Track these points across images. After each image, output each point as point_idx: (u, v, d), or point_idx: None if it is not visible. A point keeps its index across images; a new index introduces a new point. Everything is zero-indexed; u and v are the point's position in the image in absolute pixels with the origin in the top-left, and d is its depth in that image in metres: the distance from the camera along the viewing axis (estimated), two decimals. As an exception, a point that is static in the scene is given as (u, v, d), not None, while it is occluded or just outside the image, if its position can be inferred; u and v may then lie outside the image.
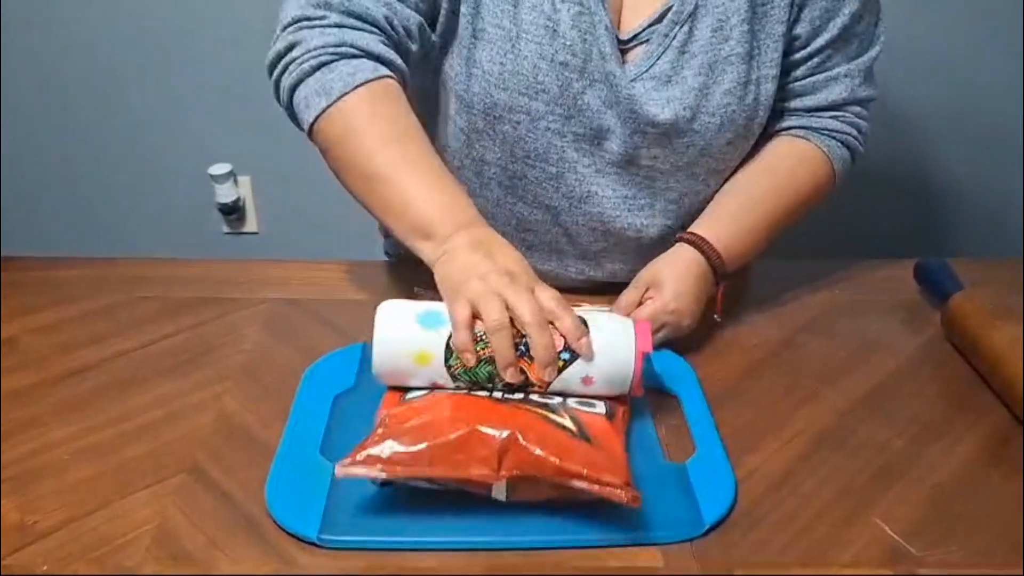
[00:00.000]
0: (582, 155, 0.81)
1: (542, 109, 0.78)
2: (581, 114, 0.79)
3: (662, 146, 0.80)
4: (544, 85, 0.77)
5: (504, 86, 0.77)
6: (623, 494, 0.53)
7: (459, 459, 0.55)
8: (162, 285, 0.90)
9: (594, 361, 0.62)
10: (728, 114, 0.79)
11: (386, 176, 0.71)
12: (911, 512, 0.60)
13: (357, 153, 0.73)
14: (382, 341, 0.63)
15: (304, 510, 0.58)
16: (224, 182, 1.78)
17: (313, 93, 0.73)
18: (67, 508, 0.60)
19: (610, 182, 0.83)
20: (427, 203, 0.70)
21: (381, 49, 0.75)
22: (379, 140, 0.72)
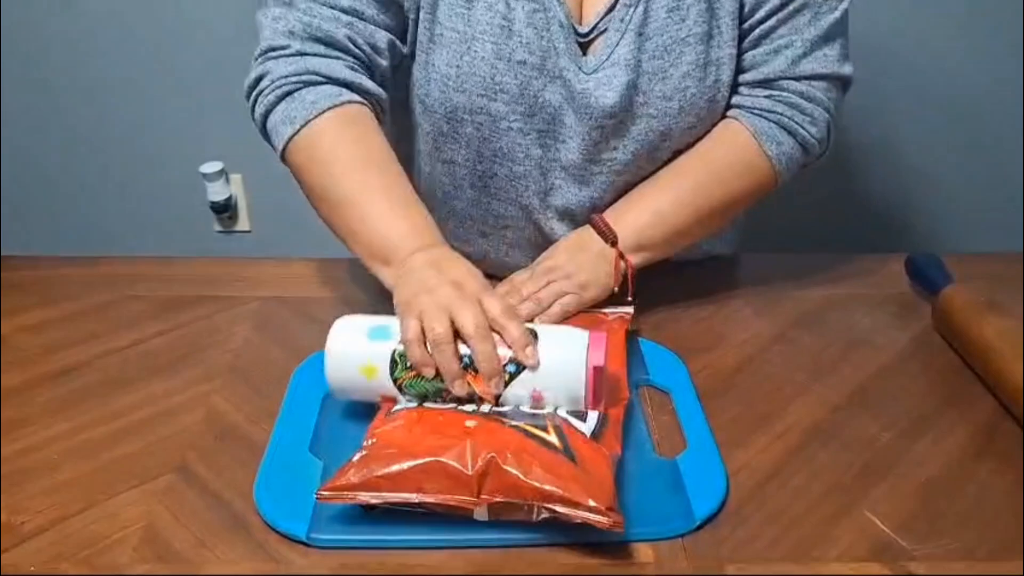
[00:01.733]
0: (546, 151, 0.81)
1: (503, 109, 0.78)
2: (543, 111, 0.78)
3: (620, 136, 0.79)
4: (503, 85, 0.77)
5: (462, 88, 0.77)
6: (606, 520, 0.53)
7: (440, 485, 0.55)
8: (152, 284, 0.89)
9: (543, 374, 0.61)
10: (688, 97, 0.77)
11: (347, 203, 0.73)
12: (901, 506, 0.60)
13: (321, 180, 0.74)
14: (332, 354, 0.64)
15: (293, 509, 0.58)
16: (215, 180, 1.77)
17: (279, 122, 0.75)
18: (55, 508, 0.60)
19: (574, 178, 0.82)
20: (387, 230, 0.71)
21: (346, 74, 0.75)
22: (340, 167, 0.73)
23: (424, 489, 0.55)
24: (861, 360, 0.77)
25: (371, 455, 0.57)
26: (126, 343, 0.79)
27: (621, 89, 0.76)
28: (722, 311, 0.85)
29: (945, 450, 0.66)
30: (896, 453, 0.66)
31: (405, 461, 0.55)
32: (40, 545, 0.57)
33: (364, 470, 0.55)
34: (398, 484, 0.55)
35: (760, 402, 0.71)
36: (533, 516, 0.55)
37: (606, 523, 0.53)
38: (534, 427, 0.59)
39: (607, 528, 0.53)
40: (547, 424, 0.60)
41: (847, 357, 0.78)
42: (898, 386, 0.74)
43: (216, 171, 1.76)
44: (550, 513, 0.54)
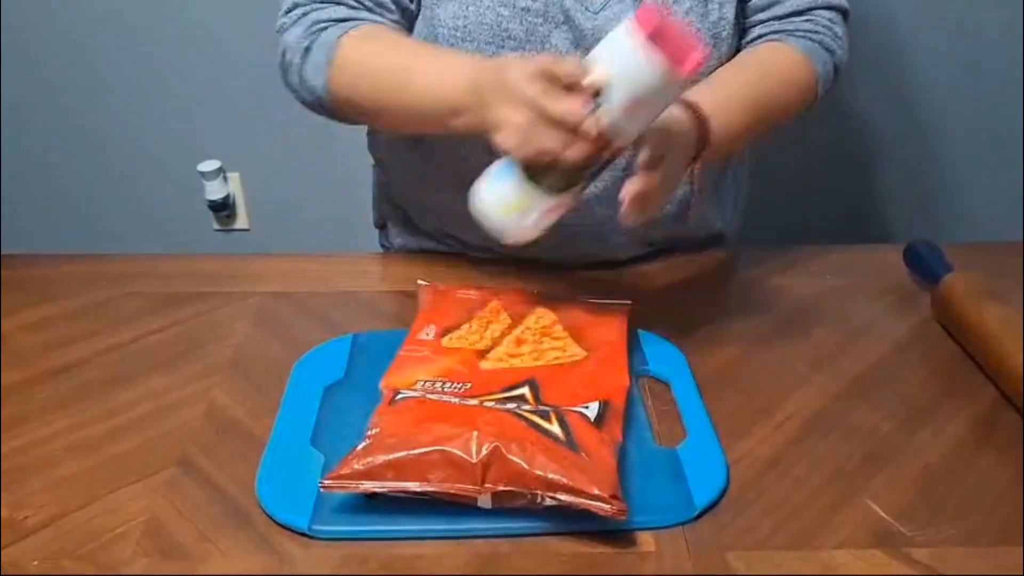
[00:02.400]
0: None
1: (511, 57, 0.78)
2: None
3: None
4: (510, 32, 0.78)
5: (470, 38, 0.79)
6: (609, 508, 0.53)
7: (444, 474, 0.55)
8: (151, 281, 0.89)
9: (613, 77, 0.61)
10: (691, 33, 0.79)
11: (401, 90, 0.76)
12: (901, 494, 0.60)
13: (370, 94, 0.78)
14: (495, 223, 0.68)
15: (295, 501, 0.58)
16: (213, 179, 1.77)
17: (310, 77, 0.80)
18: (57, 503, 0.60)
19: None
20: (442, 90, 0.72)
21: (348, 13, 0.80)
22: (374, 67, 0.78)
23: (428, 478, 0.55)
24: (861, 350, 0.77)
25: (374, 444, 0.57)
26: (126, 339, 0.79)
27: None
28: (721, 302, 0.85)
29: (945, 439, 0.66)
30: (896, 442, 0.66)
31: (409, 450, 0.56)
32: (42, 540, 0.57)
33: (367, 459, 0.56)
34: (402, 473, 0.55)
35: (760, 392, 0.72)
36: (537, 503, 0.55)
37: (610, 511, 0.53)
38: (537, 416, 0.60)
39: (610, 516, 0.53)
40: (550, 414, 0.60)
41: (847, 347, 0.78)
42: (898, 375, 0.74)
43: (214, 169, 1.76)
44: (554, 501, 0.54)
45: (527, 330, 0.73)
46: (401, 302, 0.84)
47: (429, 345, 0.71)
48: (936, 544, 0.56)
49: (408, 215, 0.99)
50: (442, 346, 0.71)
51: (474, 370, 0.68)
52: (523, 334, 0.73)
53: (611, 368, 0.69)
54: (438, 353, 0.70)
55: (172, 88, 1.72)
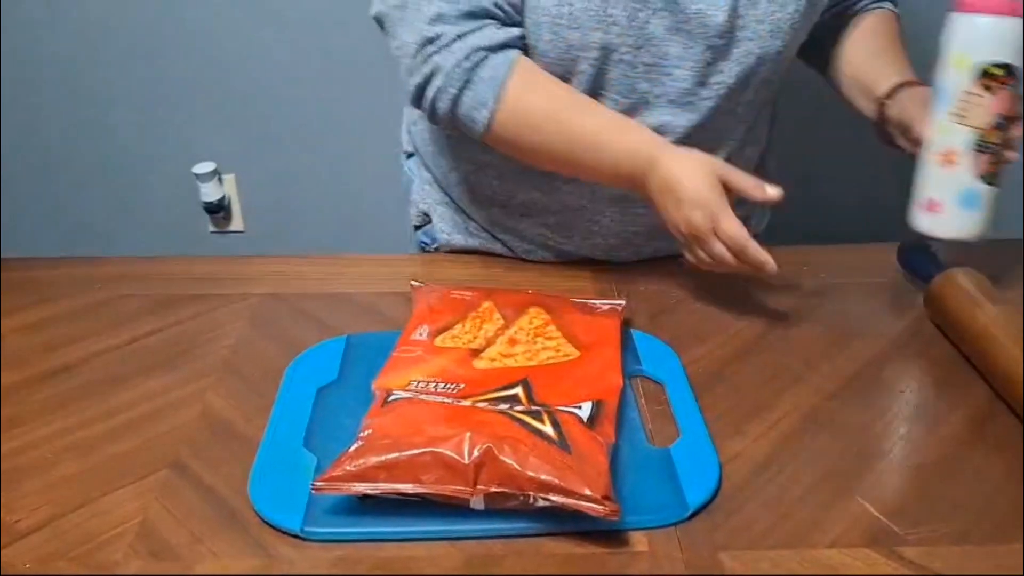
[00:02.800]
0: (653, 85, 0.83)
1: (615, 41, 0.80)
2: (648, 43, 0.81)
3: (727, 58, 0.83)
4: (614, 17, 0.79)
5: (575, 25, 0.79)
6: (602, 509, 0.53)
7: (436, 475, 0.55)
8: (145, 283, 0.89)
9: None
10: (775, 21, 0.82)
11: (574, 148, 0.80)
12: (894, 493, 0.61)
13: (539, 139, 0.81)
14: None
15: (287, 503, 0.58)
16: (208, 181, 1.77)
17: (471, 109, 0.79)
18: (50, 506, 0.60)
19: (683, 110, 0.84)
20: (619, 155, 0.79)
21: (501, 35, 0.80)
22: (551, 120, 0.80)
23: (420, 479, 0.55)
24: (854, 349, 0.78)
25: (367, 446, 0.57)
26: (121, 341, 0.79)
27: (727, 9, 0.80)
28: (715, 302, 0.85)
29: (938, 437, 0.66)
30: (889, 441, 0.66)
31: (401, 451, 0.56)
32: (36, 543, 0.57)
33: (360, 460, 0.56)
34: (394, 474, 0.55)
35: (754, 391, 0.72)
36: (529, 504, 0.55)
37: (602, 511, 0.53)
38: (529, 417, 0.60)
39: (603, 516, 0.53)
40: (542, 414, 0.60)
41: (840, 346, 0.78)
42: (891, 374, 0.74)
43: (209, 171, 1.76)
44: (546, 502, 0.54)
45: (520, 330, 0.73)
46: (395, 303, 0.84)
47: (422, 345, 0.71)
48: (929, 543, 0.56)
49: (460, 209, 0.99)
50: (435, 346, 0.71)
51: (468, 370, 0.68)
52: (516, 334, 0.73)
53: (604, 368, 0.69)
54: (431, 353, 0.70)
55: (167, 91, 1.72)
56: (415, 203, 1.03)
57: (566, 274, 0.92)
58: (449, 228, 1.00)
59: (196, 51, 1.68)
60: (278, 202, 1.84)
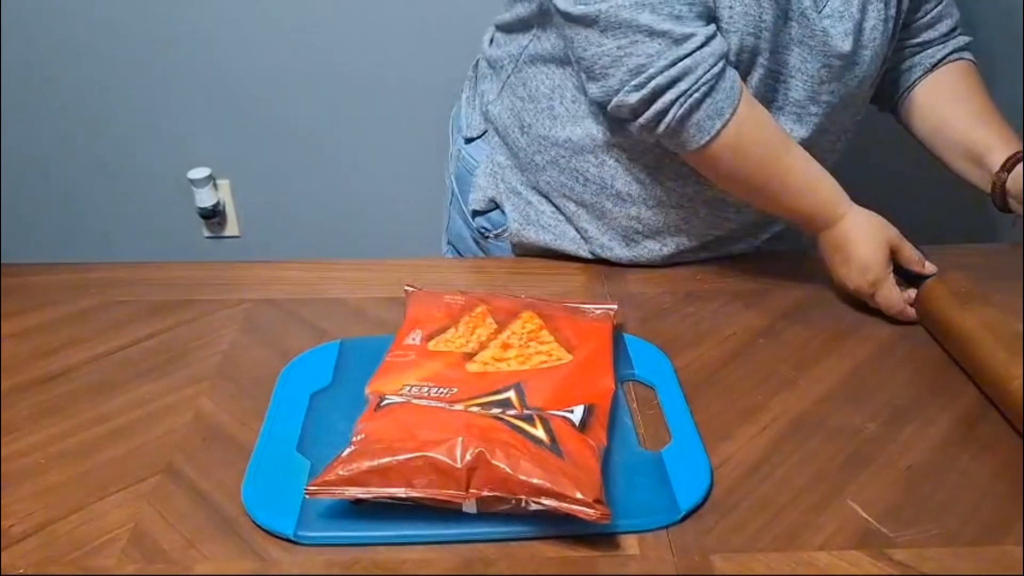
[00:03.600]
0: (767, 90, 0.84)
1: (762, 46, 0.81)
2: (777, 50, 0.82)
3: (839, 79, 0.85)
4: (767, 23, 0.80)
5: (734, 28, 0.79)
6: (593, 512, 0.54)
7: (428, 479, 0.55)
8: (138, 288, 0.89)
9: None
10: (877, 46, 0.85)
11: (779, 178, 0.83)
12: (884, 494, 0.61)
13: (754, 160, 0.82)
14: None
15: (281, 507, 0.58)
16: (203, 186, 1.77)
17: (705, 118, 0.78)
18: (43, 511, 0.60)
19: (789, 121, 0.86)
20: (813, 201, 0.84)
21: (722, 45, 0.78)
22: (766, 146, 0.82)
23: (413, 484, 0.55)
24: (845, 352, 0.78)
25: (359, 450, 0.57)
26: (114, 347, 0.79)
27: (847, 35, 0.83)
28: (707, 306, 0.85)
29: (927, 439, 0.67)
30: (879, 443, 0.66)
31: (393, 456, 0.56)
32: (29, 548, 0.57)
33: (352, 465, 0.56)
34: (386, 479, 0.56)
35: (745, 395, 0.72)
36: (521, 507, 0.55)
37: (593, 515, 0.54)
38: (522, 421, 0.60)
39: (594, 520, 0.54)
40: (535, 418, 0.60)
41: (831, 349, 0.78)
42: (881, 377, 0.75)
43: (204, 177, 1.76)
44: (538, 506, 0.55)
45: (513, 335, 0.74)
46: (388, 308, 0.84)
47: (415, 349, 0.72)
48: (918, 545, 0.57)
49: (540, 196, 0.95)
50: (428, 350, 0.71)
51: (461, 373, 0.68)
52: (509, 339, 0.73)
53: (596, 372, 0.69)
54: (424, 357, 0.70)
55: (162, 96, 1.72)
56: (481, 188, 0.98)
57: (558, 278, 0.92)
58: (520, 219, 0.95)
59: (191, 56, 1.68)
60: (273, 207, 1.84)
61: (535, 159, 0.92)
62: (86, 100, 1.73)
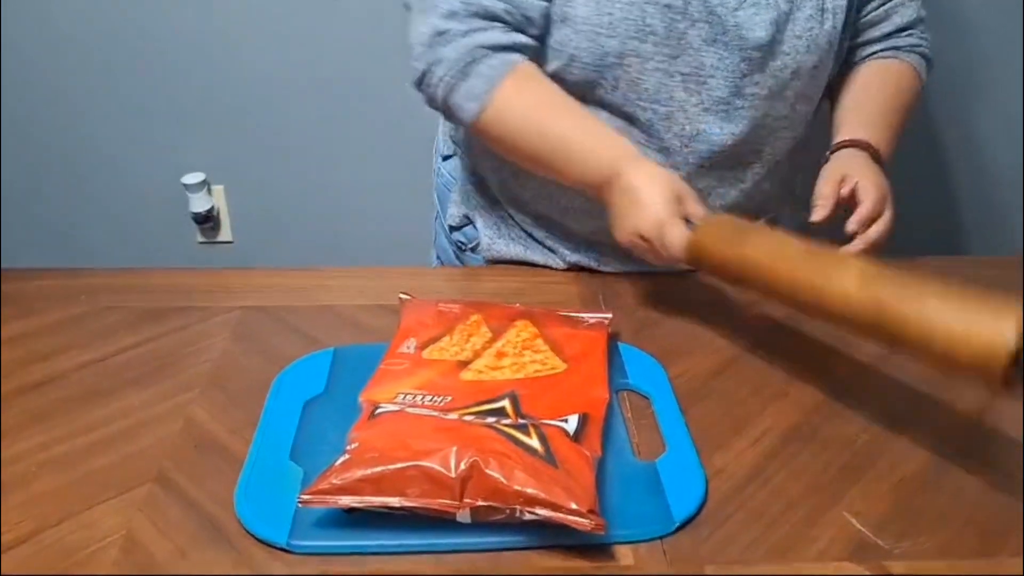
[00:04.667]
0: (689, 94, 0.86)
1: (651, 50, 0.83)
2: (685, 53, 0.84)
3: (763, 70, 0.87)
4: (652, 27, 0.82)
5: (613, 33, 0.82)
6: (588, 523, 0.53)
7: (422, 489, 0.55)
8: (129, 295, 0.89)
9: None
10: (812, 36, 0.87)
11: (550, 150, 0.83)
12: (878, 506, 0.61)
13: (520, 139, 0.84)
14: None
15: (274, 516, 0.58)
16: (197, 191, 1.77)
17: (463, 100, 0.84)
18: (33, 520, 0.59)
19: (718, 118, 0.87)
20: (589, 162, 0.82)
21: (505, 39, 0.84)
22: (532, 123, 0.83)
23: (407, 493, 0.55)
24: (837, 362, 0.78)
25: (353, 459, 0.57)
26: (103, 355, 0.79)
27: (767, 25, 0.84)
28: (701, 316, 0.85)
29: (921, 451, 0.67)
30: (873, 454, 0.66)
31: (387, 465, 0.56)
32: (18, 557, 0.56)
33: (346, 474, 0.56)
34: (380, 488, 0.55)
35: (739, 405, 0.72)
36: (515, 517, 0.55)
37: (588, 526, 0.53)
38: (516, 431, 0.60)
39: (589, 531, 0.54)
40: (529, 427, 0.60)
41: (824, 359, 0.78)
42: (874, 388, 0.75)
43: (198, 182, 1.76)
44: (533, 516, 0.54)
45: (508, 343, 0.73)
46: (382, 316, 0.84)
47: (410, 357, 0.71)
48: (912, 556, 0.57)
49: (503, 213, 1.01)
50: (423, 358, 0.71)
51: (455, 382, 0.68)
52: (504, 347, 0.73)
53: (591, 381, 0.69)
54: (419, 365, 0.70)
55: (157, 101, 1.72)
56: (455, 204, 1.05)
57: (552, 287, 0.92)
58: (492, 234, 1.01)
59: (186, 61, 1.68)
60: (267, 213, 1.83)
61: (498, 178, 0.98)
62: (80, 105, 1.72)
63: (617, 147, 0.82)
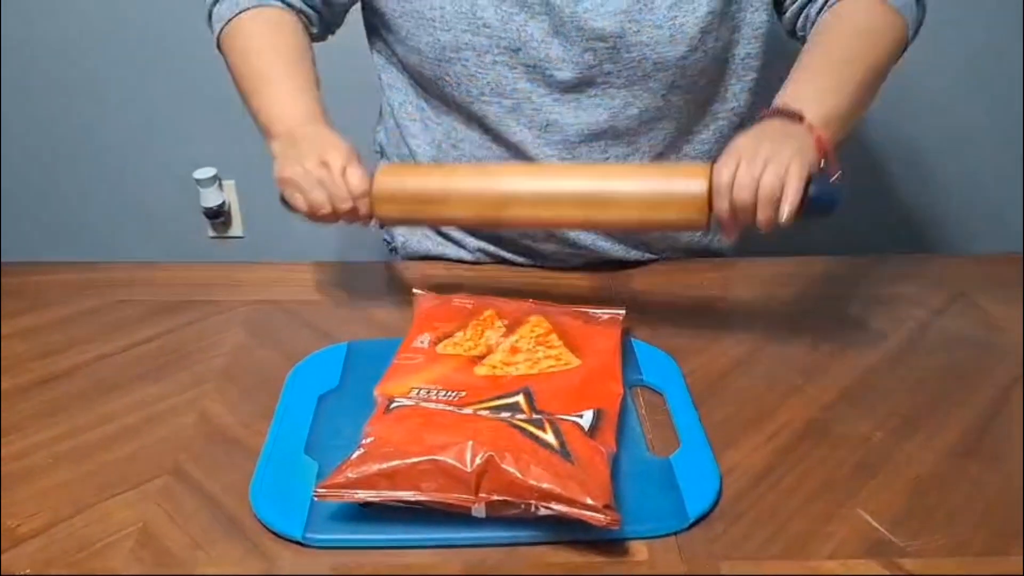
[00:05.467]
0: (535, 85, 0.85)
1: (486, 43, 0.83)
2: (526, 45, 0.83)
3: (614, 61, 0.83)
4: (484, 20, 0.82)
5: (447, 27, 0.82)
6: (603, 518, 0.53)
7: (437, 483, 0.55)
8: (143, 289, 0.89)
9: None
10: (677, 26, 0.81)
11: (253, 89, 0.86)
12: (893, 503, 0.61)
13: (238, 68, 0.88)
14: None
15: (289, 509, 0.58)
16: (209, 186, 1.77)
17: (214, 20, 0.90)
18: (49, 511, 0.59)
19: (570, 107, 0.86)
20: (280, 110, 0.83)
21: None
22: (252, 58, 0.86)
23: (421, 487, 0.55)
24: (852, 359, 0.78)
25: (368, 453, 0.57)
26: (117, 348, 0.79)
27: (612, 16, 0.81)
28: (715, 312, 0.85)
29: (936, 448, 0.66)
30: (888, 451, 0.66)
31: (403, 459, 0.56)
32: (34, 548, 0.56)
33: (361, 467, 0.56)
34: (395, 482, 0.55)
35: (753, 402, 0.72)
36: (530, 512, 0.55)
37: (603, 520, 0.53)
38: (532, 425, 0.60)
39: (604, 525, 0.53)
40: (544, 422, 0.60)
41: (839, 357, 0.78)
42: (889, 385, 0.75)
43: (209, 177, 1.76)
44: (548, 511, 0.54)
45: (522, 339, 0.73)
46: (396, 310, 0.84)
47: (424, 352, 0.71)
48: (927, 554, 0.56)
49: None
50: (437, 353, 0.71)
51: (469, 377, 0.68)
52: (518, 342, 0.73)
53: (605, 377, 0.69)
54: (433, 360, 0.70)
55: (168, 95, 1.72)
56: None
57: (566, 283, 0.92)
58: (405, 231, 1.02)
59: (197, 56, 1.68)
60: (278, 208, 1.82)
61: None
62: (92, 100, 1.73)
63: (311, 108, 0.83)
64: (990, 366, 0.77)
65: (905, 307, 0.86)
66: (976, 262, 0.97)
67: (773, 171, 0.68)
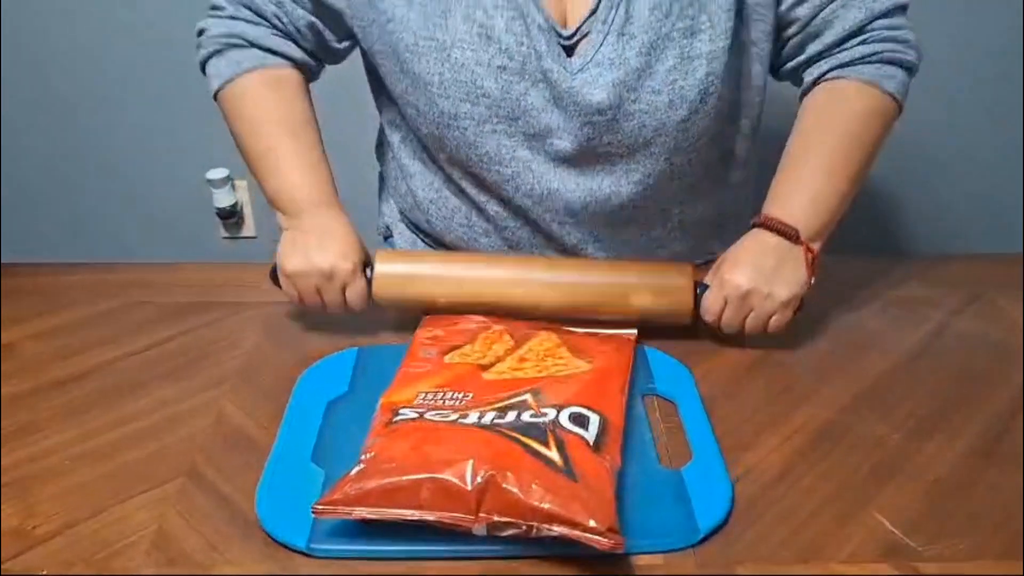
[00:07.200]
0: (535, 153, 0.82)
1: (485, 113, 0.80)
2: (526, 114, 0.80)
3: (613, 132, 0.80)
4: (484, 89, 0.79)
5: (446, 94, 0.80)
6: (606, 542, 0.52)
7: (437, 501, 0.54)
8: (159, 290, 0.90)
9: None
10: (676, 90, 0.79)
11: (262, 157, 0.86)
12: (909, 507, 0.60)
13: (243, 134, 0.88)
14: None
15: (294, 519, 0.57)
16: (221, 187, 1.78)
17: (212, 75, 0.89)
18: (66, 512, 0.60)
19: (571, 175, 0.83)
20: (289, 186, 0.85)
21: (271, 41, 0.87)
22: (258, 125, 0.87)
23: (421, 505, 0.54)
24: (868, 362, 0.77)
25: (368, 469, 0.56)
26: (134, 349, 0.80)
27: (608, 87, 0.78)
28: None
29: (953, 451, 0.66)
30: (904, 454, 0.66)
31: (402, 476, 0.54)
32: (52, 549, 0.57)
33: (360, 485, 0.55)
34: (395, 500, 0.54)
35: (768, 404, 0.71)
36: (532, 534, 0.54)
37: (606, 544, 0.52)
38: (535, 441, 0.58)
39: (607, 549, 0.52)
40: (548, 438, 0.59)
41: (854, 359, 0.78)
42: (906, 387, 0.74)
43: (222, 177, 1.77)
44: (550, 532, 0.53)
45: (530, 351, 0.73)
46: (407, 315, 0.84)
47: (431, 362, 0.71)
48: (944, 558, 0.56)
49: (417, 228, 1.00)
50: (445, 362, 0.71)
51: (476, 380, 0.68)
52: (526, 354, 0.72)
53: (612, 383, 0.68)
54: (441, 367, 0.70)
55: (180, 96, 1.72)
56: (384, 215, 1.06)
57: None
58: (406, 245, 1.01)
59: (209, 58, 1.69)
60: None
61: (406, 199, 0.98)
62: (105, 102, 1.73)
63: (322, 189, 0.85)
64: (1008, 368, 0.77)
65: (921, 308, 0.86)
66: (992, 263, 0.96)
67: (758, 317, 0.77)
